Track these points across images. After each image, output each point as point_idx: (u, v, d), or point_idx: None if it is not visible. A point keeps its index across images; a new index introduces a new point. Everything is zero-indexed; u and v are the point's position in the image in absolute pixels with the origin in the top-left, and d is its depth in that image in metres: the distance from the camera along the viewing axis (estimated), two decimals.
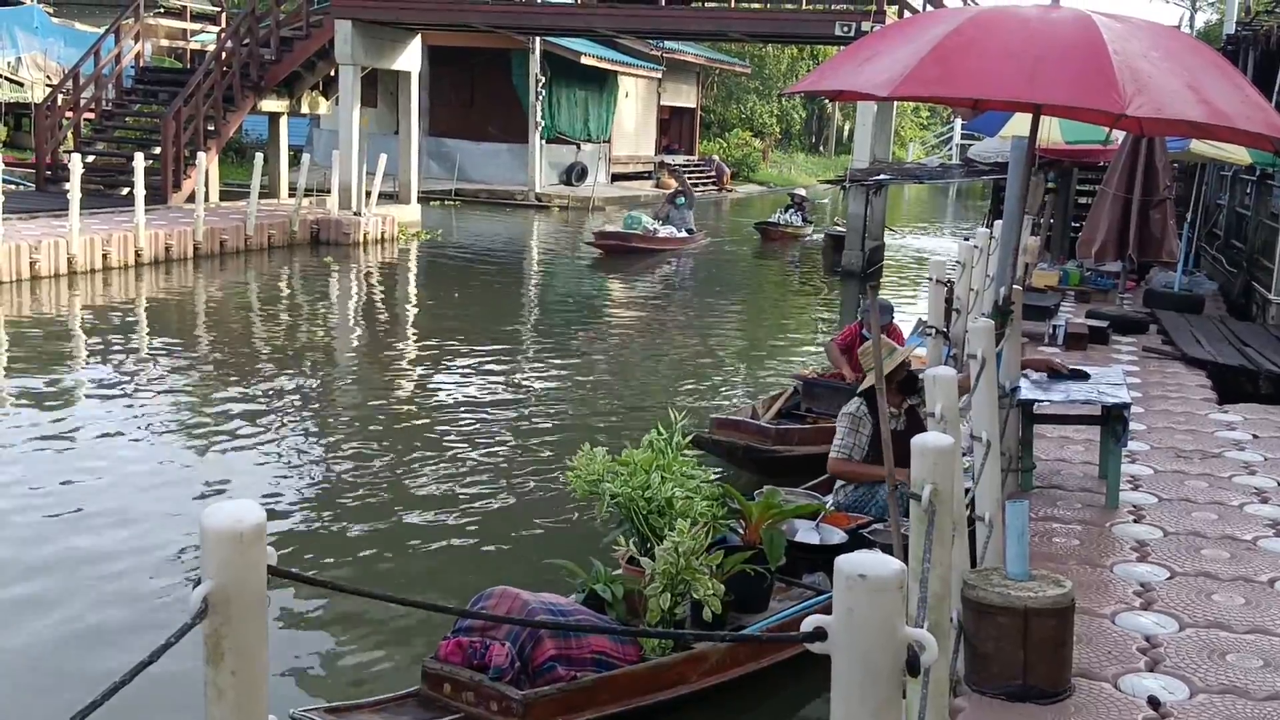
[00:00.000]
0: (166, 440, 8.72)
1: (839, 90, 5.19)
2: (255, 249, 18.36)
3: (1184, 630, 4.34)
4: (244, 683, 1.82)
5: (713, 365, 12.81)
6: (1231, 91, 4.66)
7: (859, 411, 6.25)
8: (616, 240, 20.94)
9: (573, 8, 22.37)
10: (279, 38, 21.63)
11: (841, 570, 1.82)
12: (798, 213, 26.01)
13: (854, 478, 6.27)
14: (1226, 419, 7.80)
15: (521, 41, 29.33)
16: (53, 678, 5.07)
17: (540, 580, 5.32)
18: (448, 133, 32.05)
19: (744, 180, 41.66)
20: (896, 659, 1.82)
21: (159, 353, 11.88)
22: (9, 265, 14.03)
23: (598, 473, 5.14)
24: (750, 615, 5.11)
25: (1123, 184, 11.48)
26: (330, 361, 12.21)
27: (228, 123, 21.25)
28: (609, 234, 21.40)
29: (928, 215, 39.61)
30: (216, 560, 1.78)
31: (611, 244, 20.83)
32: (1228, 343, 10.18)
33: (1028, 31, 4.62)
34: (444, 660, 4.46)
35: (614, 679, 4.47)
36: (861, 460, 6.19)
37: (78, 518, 6.97)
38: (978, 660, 3.75)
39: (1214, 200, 17.19)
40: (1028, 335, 8.95)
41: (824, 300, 19.05)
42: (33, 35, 27.58)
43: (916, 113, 55.73)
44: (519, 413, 10.02)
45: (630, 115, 37.62)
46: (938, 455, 2.94)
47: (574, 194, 31.19)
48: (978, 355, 4.48)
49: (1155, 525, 5.54)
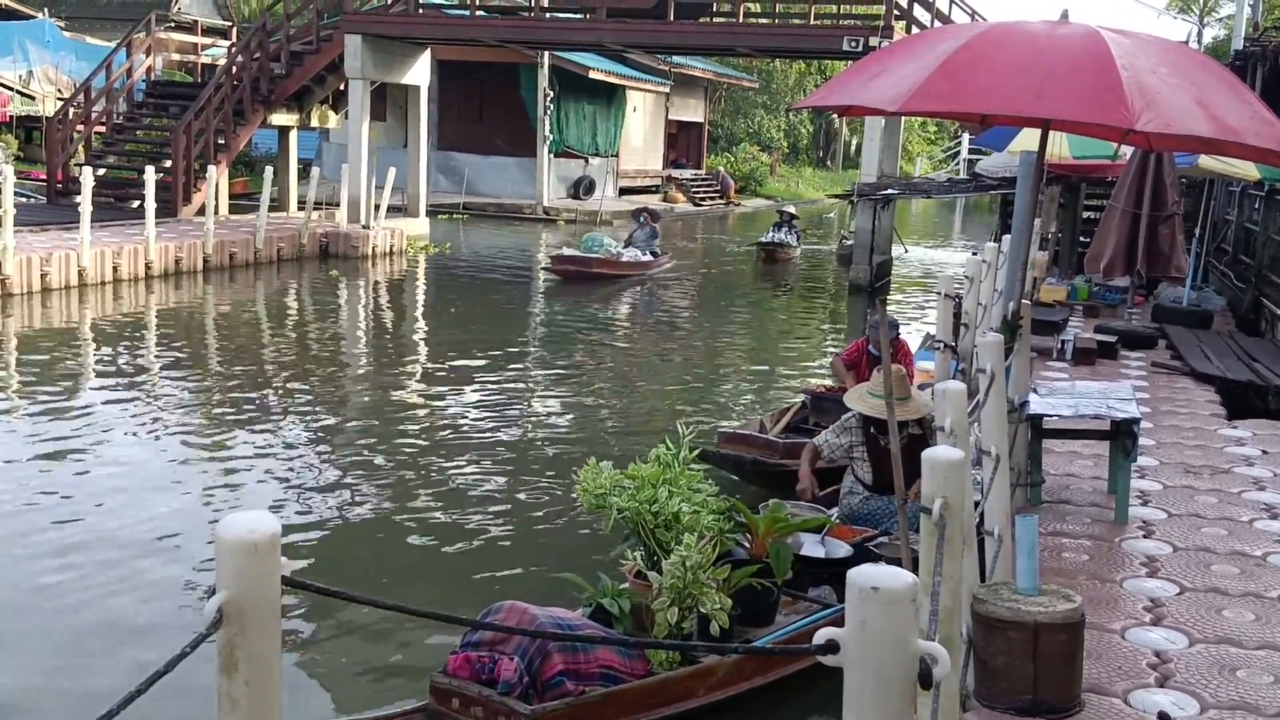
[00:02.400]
0: (178, 452, 8.73)
1: (847, 105, 5.20)
2: (264, 262, 18.42)
3: (1194, 646, 4.32)
4: (257, 693, 1.83)
5: (720, 379, 12.81)
6: (1240, 107, 4.66)
7: (849, 422, 6.53)
8: (576, 265, 18.94)
9: (581, 23, 22.44)
10: (289, 52, 21.74)
11: (854, 583, 1.83)
12: (790, 231, 24.48)
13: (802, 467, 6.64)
14: (1236, 434, 7.78)
15: (530, 56, 29.44)
16: (66, 687, 5.08)
17: (548, 595, 5.32)
18: (456, 146, 32.15)
19: (751, 194, 41.70)
20: (909, 672, 1.83)
21: (169, 364, 11.92)
22: (20, 277, 14.09)
23: (605, 486, 5.14)
24: (756, 629, 5.10)
25: (1131, 199, 11.46)
26: (339, 374, 12.23)
27: (238, 136, 21.35)
28: (568, 258, 19.32)
29: (935, 230, 39.61)
30: (231, 570, 1.80)
31: (570, 269, 18.85)
32: (1236, 358, 10.16)
33: (1036, 47, 4.62)
34: (452, 675, 4.46)
35: (622, 693, 4.47)
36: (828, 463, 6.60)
37: (89, 528, 6.98)
38: (987, 675, 3.74)
39: (1222, 215, 17.17)
40: (1036, 350, 8.94)
41: (831, 314, 19.05)
42: (44, 49, 27.76)
43: (924, 128, 55.76)
44: (526, 427, 10.03)
45: (638, 129, 37.70)
46: (948, 469, 2.94)
47: (582, 207, 31.25)
48: (986, 370, 4.48)
49: (1165, 540, 5.53)
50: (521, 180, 31.43)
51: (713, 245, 27.35)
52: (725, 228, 33.45)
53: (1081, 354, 9.78)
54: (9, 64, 26.90)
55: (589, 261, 18.91)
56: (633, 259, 19.76)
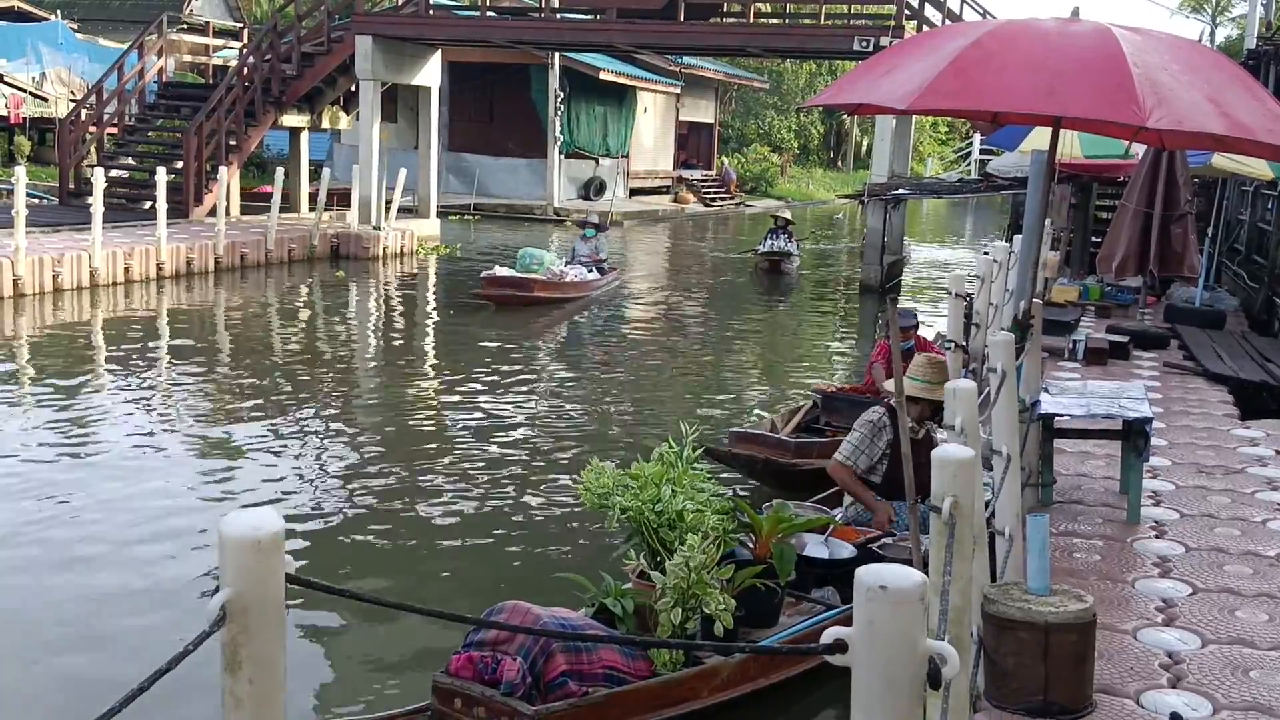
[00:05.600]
0: (185, 450, 8.75)
1: (858, 104, 5.19)
2: (275, 263, 18.46)
3: (1206, 647, 4.29)
4: (261, 691, 1.82)
5: (730, 379, 12.79)
6: (1253, 105, 4.63)
7: (880, 421, 6.18)
8: (511, 288, 15.80)
9: (592, 23, 22.45)
10: (300, 53, 21.78)
11: (862, 582, 1.81)
12: (789, 239, 22.28)
13: (847, 488, 6.21)
14: (1249, 434, 7.74)
15: (541, 57, 29.47)
16: (68, 683, 5.08)
17: (551, 595, 5.31)
18: (467, 148, 32.20)
19: (762, 195, 41.66)
20: (917, 672, 1.81)
21: (179, 365, 11.94)
22: (32, 278, 14.14)
23: (607, 486, 5.12)
24: (760, 630, 5.08)
25: (1143, 199, 11.42)
26: (347, 374, 12.24)
27: (249, 138, 21.39)
28: (501, 279, 15.90)
29: (946, 230, 39.54)
30: (235, 568, 1.79)
31: (504, 294, 15.73)
32: (1249, 358, 10.11)
33: (1047, 44, 4.61)
34: (455, 675, 4.44)
35: (625, 694, 4.44)
36: (869, 468, 6.14)
37: (94, 525, 7.00)
38: (998, 676, 3.71)
39: (1235, 215, 17.10)
40: (1048, 350, 8.91)
41: (843, 314, 19.01)
42: (57, 51, 27.89)
43: (935, 128, 55.67)
44: (532, 427, 10.02)
45: (649, 130, 37.71)
46: (958, 467, 2.92)
47: (592, 208, 31.28)
48: (998, 369, 4.46)
49: (1177, 541, 5.50)
50: (532, 181, 31.46)
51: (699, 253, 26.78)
52: (727, 231, 33.28)
53: (1093, 354, 9.74)
54: (22, 66, 27.03)
55: (528, 284, 15.87)
56: (578, 278, 16.82)
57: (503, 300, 15.69)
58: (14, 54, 27.14)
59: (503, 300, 15.69)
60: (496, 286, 15.76)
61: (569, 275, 16.61)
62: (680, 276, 22.59)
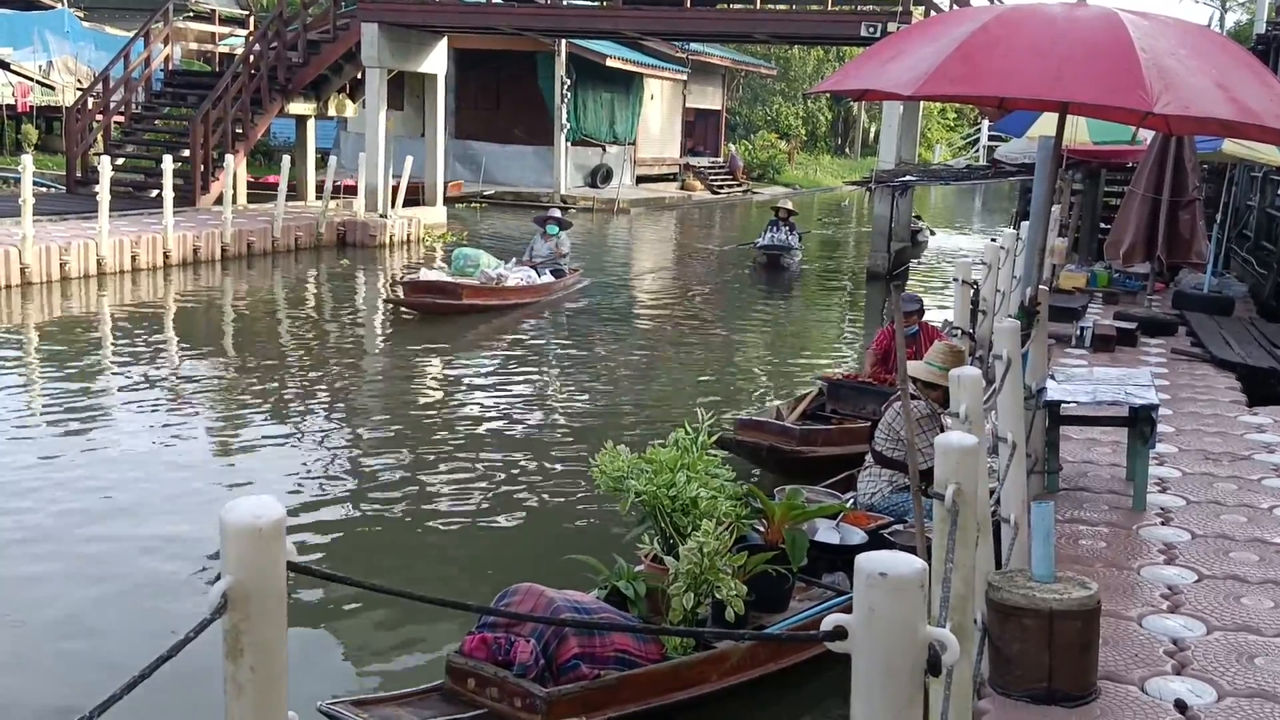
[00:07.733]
0: (190, 437, 8.77)
1: (864, 90, 5.16)
2: (282, 251, 18.48)
3: (1212, 633, 4.29)
4: (263, 678, 1.82)
5: (738, 366, 12.78)
6: (1261, 90, 4.60)
7: (934, 411, 6.07)
8: (435, 294, 13.88)
9: (598, 10, 22.42)
10: (306, 41, 21.77)
11: (862, 569, 1.81)
12: (790, 231, 20.53)
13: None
14: (1256, 421, 7.72)
15: (547, 44, 29.40)
16: (70, 669, 5.11)
17: (563, 577, 5.32)
18: (473, 135, 32.16)
19: (769, 182, 41.56)
20: (917, 658, 1.81)
21: (186, 352, 11.97)
22: (40, 266, 14.16)
23: (622, 470, 5.14)
24: (771, 615, 5.10)
25: (1151, 185, 11.37)
26: (354, 361, 12.26)
27: (256, 126, 21.39)
28: (426, 285, 14.02)
29: (954, 217, 39.42)
30: (236, 555, 1.79)
31: (426, 301, 13.85)
32: (1258, 345, 10.08)
33: (1054, 29, 4.57)
34: (469, 655, 4.48)
35: (636, 678, 4.48)
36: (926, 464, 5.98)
37: (101, 512, 7.04)
38: (1002, 662, 3.72)
39: (1244, 201, 17.02)
40: (1055, 337, 8.88)
41: (849, 301, 18.97)
42: (63, 39, 27.90)
43: (943, 114, 55.45)
44: (542, 412, 10.03)
45: (655, 117, 37.62)
46: (961, 455, 2.91)
47: (599, 196, 31.25)
48: (1003, 356, 4.45)
49: (1183, 528, 5.49)
50: (539, 169, 31.42)
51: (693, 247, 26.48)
52: (732, 219, 33.14)
53: (1100, 341, 9.71)
54: (29, 54, 27.05)
55: (455, 289, 13.91)
56: (523, 282, 14.77)
57: (426, 308, 13.85)
58: (21, 42, 27.17)
59: (426, 308, 13.85)
60: (419, 293, 13.92)
61: (511, 279, 14.53)
62: (685, 265, 22.55)
